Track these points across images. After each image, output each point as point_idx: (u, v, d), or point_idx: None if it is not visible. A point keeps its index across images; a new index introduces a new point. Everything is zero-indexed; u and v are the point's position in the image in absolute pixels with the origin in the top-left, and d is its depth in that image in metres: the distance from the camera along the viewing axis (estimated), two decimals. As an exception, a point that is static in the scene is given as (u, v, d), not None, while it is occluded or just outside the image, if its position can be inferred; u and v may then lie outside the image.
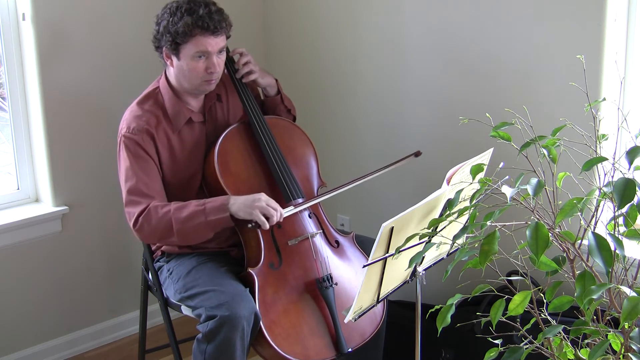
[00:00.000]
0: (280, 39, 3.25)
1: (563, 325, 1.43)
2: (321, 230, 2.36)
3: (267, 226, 2.13)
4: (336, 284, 2.26)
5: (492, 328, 1.49)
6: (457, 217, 1.56)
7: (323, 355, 2.16)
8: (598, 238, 1.31)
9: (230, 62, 2.43)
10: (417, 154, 2.43)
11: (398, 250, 1.59)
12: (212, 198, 2.21)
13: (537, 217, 1.45)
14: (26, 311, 2.81)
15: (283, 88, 2.58)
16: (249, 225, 2.15)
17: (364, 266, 1.68)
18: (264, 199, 2.15)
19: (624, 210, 1.36)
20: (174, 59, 2.26)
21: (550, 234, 1.34)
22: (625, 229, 1.42)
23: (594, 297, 1.29)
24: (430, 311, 1.73)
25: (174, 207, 2.19)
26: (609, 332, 1.41)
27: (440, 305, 1.55)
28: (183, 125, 2.33)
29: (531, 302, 1.51)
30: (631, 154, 1.38)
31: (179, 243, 2.25)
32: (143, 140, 2.25)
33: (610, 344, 1.38)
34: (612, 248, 1.31)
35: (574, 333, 1.45)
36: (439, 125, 2.72)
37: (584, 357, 1.52)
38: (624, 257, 1.37)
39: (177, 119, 2.32)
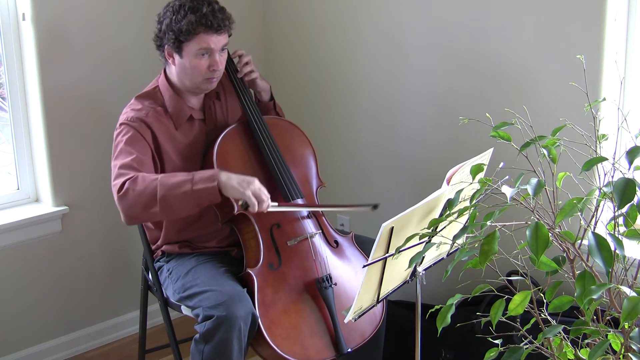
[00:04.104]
0: (280, 39, 3.25)
1: (563, 325, 1.43)
2: (320, 231, 2.36)
3: (256, 209, 2.07)
4: (335, 284, 2.26)
5: (492, 328, 1.49)
6: (457, 217, 1.56)
7: (323, 356, 2.16)
8: (598, 238, 1.31)
9: (229, 62, 2.43)
10: (375, 207, 2.25)
11: (398, 250, 1.59)
12: (202, 170, 2.17)
13: (537, 217, 1.45)
14: (26, 311, 2.81)
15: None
16: (239, 203, 2.09)
17: (364, 266, 1.68)
18: (257, 183, 2.11)
19: (624, 210, 1.36)
20: (177, 57, 2.26)
21: (550, 234, 1.34)
22: (625, 229, 1.42)
23: (594, 297, 1.29)
24: (430, 311, 1.73)
25: (161, 175, 2.15)
26: (609, 332, 1.41)
27: (440, 305, 1.55)
28: (184, 123, 2.33)
29: (531, 302, 1.51)
30: (631, 154, 1.38)
31: (160, 216, 2.16)
32: (140, 128, 2.24)
33: (610, 344, 1.38)
34: (612, 248, 1.31)
35: (574, 333, 1.45)
36: (439, 125, 2.72)
37: (584, 357, 1.52)
38: (624, 257, 1.37)
39: (179, 116, 2.32)
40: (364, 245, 2.41)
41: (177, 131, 2.32)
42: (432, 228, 1.58)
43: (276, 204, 2.17)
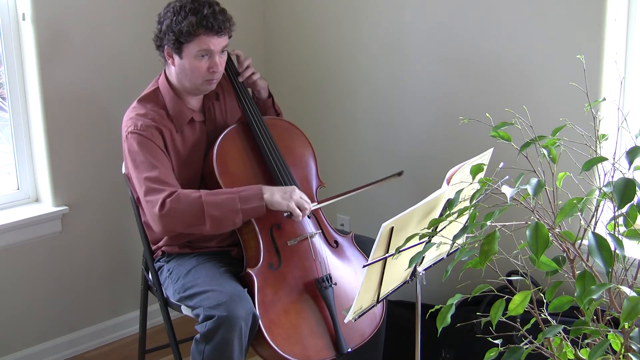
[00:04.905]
0: (280, 39, 3.25)
1: (563, 325, 1.43)
2: (320, 231, 2.36)
3: (300, 218, 2.19)
4: (335, 284, 2.26)
5: (492, 328, 1.49)
6: (457, 217, 1.56)
7: (323, 356, 2.16)
8: (598, 238, 1.31)
9: (229, 63, 2.43)
10: (399, 174, 2.39)
11: (398, 250, 1.59)
12: (243, 187, 2.20)
13: (537, 217, 1.45)
14: (26, 311, 2.81)
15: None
16: (285, 215, 2.20)
17: (364, 266, 1.68)
18: (298, 191, 2.22)
19: (624, 210, 1.36)
20: (176, 57, 2.26)
21: (550, 234, 1.34)
22: (625, 229, 1.42)
23: (594, 297, 1.29)
24: (430, 311, 1.73)
25: (204, 192, 2.17)
26: (609, 332, 1.41)
27: (440, 305, 1.55)
28: (185, 125, 2.33)
29: (531, 302, 1.51)
30: (631, 154, 1.38)
31: (208, 231, 2.19)
32: (153, 136, 2.24)
33: (610, 344, 1.38)
34: (612, 248, 1.31)
35: (574, 333, 1.45)
36: (439, 125, 2.73)
37: (584, 357, 1.52)
38: (624, 257, 1.37)
39: (180, 118, 2.32)
40: (364, 245, 2.41)
41: (179, 134, 2.32)
42: (432, 228, 1.58)
43: (316, 203, 2.28)
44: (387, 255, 1.70)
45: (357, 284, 2.22)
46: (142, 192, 2.19)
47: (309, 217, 2.35)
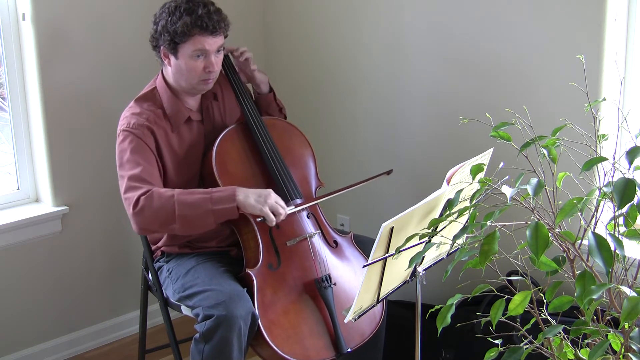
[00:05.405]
0: (280, 38, 3.25)
1: (563, 325, 1.43)
2: (319, 231, 2.36)
3: (274, 223, 2.15)
4: (335, 284, 2.26)
5: (492, 328, 1.49)
6: (457, 217, 1.56)
7: (322, 356, 2.16)
8: (598, 238, 1.31)
9: (227, 62, 2.43)
10: (389, 172, 2.40)
11: (398, 250, 1.59)
12: (218, 187, 2.19)
13: (537, 217, 1.45)
14: (26, 311, 2.81)
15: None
16: (258, 220, 2.16)
17: (364, 266, 1.68)
18: (273, 195, 2.17)
19: (624, 210, 1.36)
20: (172, 58, 2.26)
21: (550, 234, 1.34)
22: (625, 229, 1.42)
23: (594, 297, 1.29)
24: (430, 311, 1.73)
25: (177, 192, 2.16)
26: (609, 332, 1.41)
27: (440, 305, 1.55)
28: (182, 125, 2.33)
29: (531, 302, 1.51)
30: (631, 154, 1.38)
31: (179, 231, 2.19)
32: (144, 135, 2.24)
33: (610, 344, 1.38)
34: (612, 248, 1.31)
35: (574, 333, 1.45)
36: (439, 125, 2.72)
37: (584, 357, 1.52)
38: (624, 257, 1.37)
39: (176, 118, 2.32)
40: (363, 245, 2.41)
41: (175, 133, 2.32)
42: (432, 228, 1.58)
43: (292, 207, 2.23)
44: (387, 255, 1.70)
45: (357, 284, 2.22)
46: (123, 190, 2.21)
47: (308, 217, 2.35)
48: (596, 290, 1.30)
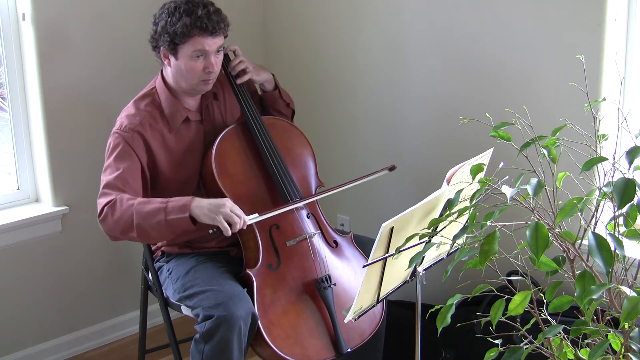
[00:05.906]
0: (280, 38, 3.25)
1: (563, 325, 1.43)
2: (319, 231, 2.36)
3: (229, 233, 2.06)
4: (335, 284, 2.26)
5: (492, 328, 1.49)
6: (457, 217, 1.56)
7: (322, 356, 2.16)
8: (598, 238, 1.31)
9: (227, 62, 2.43)
10: (391, 168, 2.41)
11: (398, 250, 1.59)
12: (176, 197, 2.14)
13: (537, 217, 1.45)
14: (26, 311, 2.81)
15: (283, 87, 2.57)
16: (210, 231, 2.08)
17: (364, 266, 1.68)
18: (228, 205, 2.09)
19: (624, 210, 1.36)
20: (172, 58, 2.26)
21: (550, 234, 1.34)
22: (625, 229, 1.42)
23: (594, 297, 1.29)
24: (430, 311, 1.73)
25: (138, 201, 2.13)
26: (609, 332, 1.41)
27: (440, 305, 1.55)
28: (180, 125, 2.33)
29: (531, 302, 1.51)
30: (631, 154, 1.38)
31: (139, 240, 2.19)
32: (132, 139, 2.24)
33: (610, 344, 1.38)
34: (612, 248, 1.31)
35: (574, 333, 1.45)
36: (439, 125, 2.72)
37: (584, 357, 1.52)
38: (624, 257, 1.37)
39: (174, 118, 2.32)
40: (363, 245, 2.41)
41: (173, 134, 2.32)
42: (432, 228, 1.58)
43: (256, 215, 2.15)
44: (387, 255, 1.70)
45: (357, 284, 2.22)
46: (98, 195, 2.21)
47: (308, 217, 2.35)
48: (596, 290, 1.30)
